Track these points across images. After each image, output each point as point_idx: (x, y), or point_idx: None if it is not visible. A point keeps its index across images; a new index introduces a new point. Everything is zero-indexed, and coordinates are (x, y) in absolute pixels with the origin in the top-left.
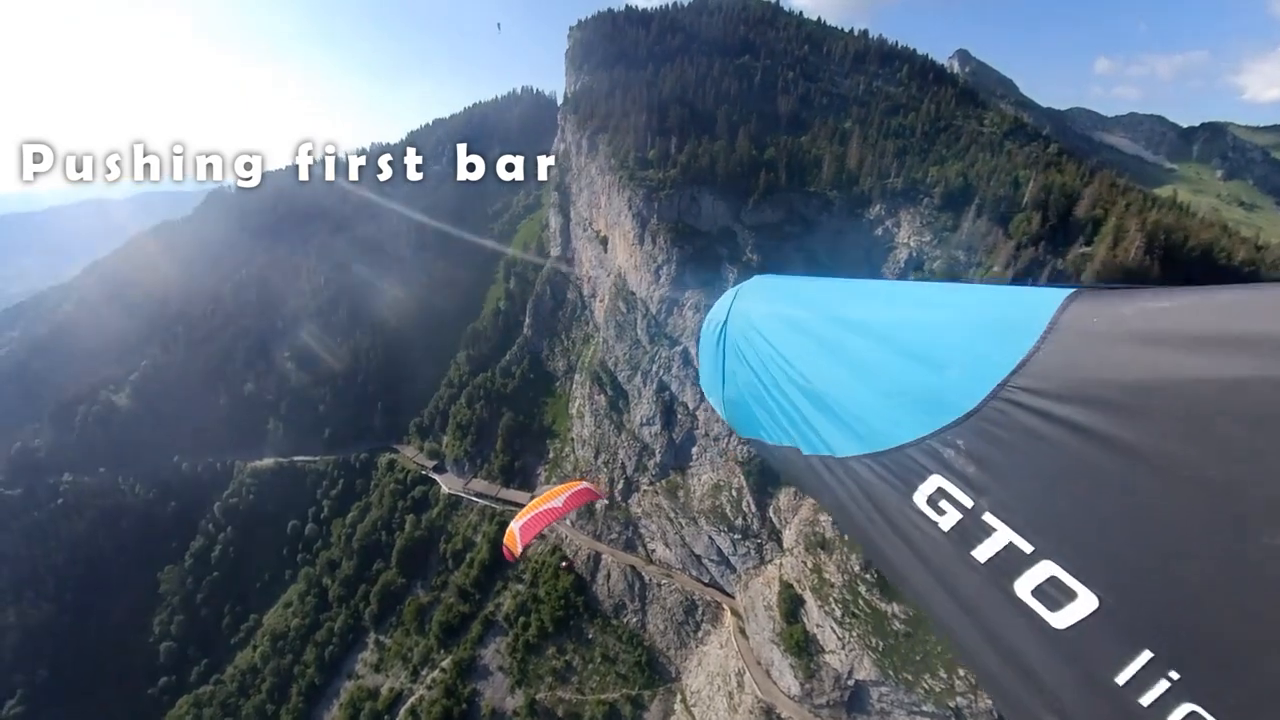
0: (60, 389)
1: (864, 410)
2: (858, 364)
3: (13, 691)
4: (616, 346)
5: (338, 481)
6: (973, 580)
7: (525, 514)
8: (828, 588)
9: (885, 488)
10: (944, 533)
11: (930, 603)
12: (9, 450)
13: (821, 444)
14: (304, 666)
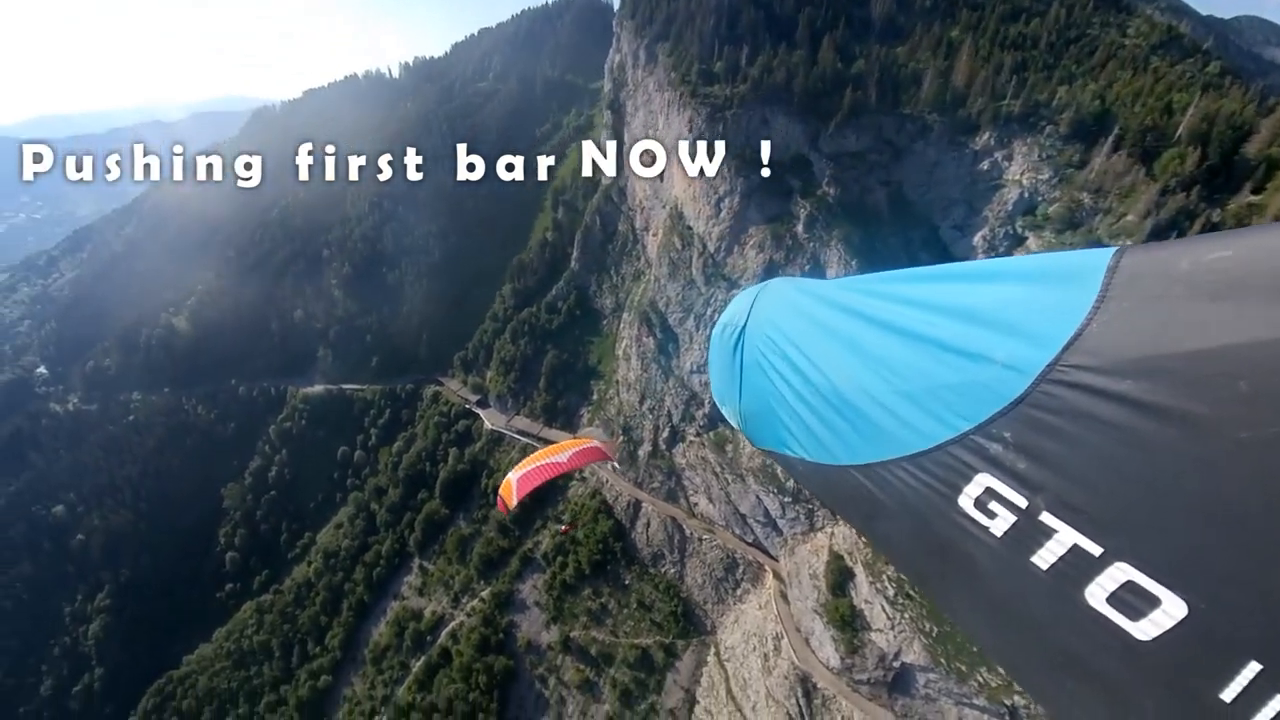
0: (125, 311)
1: (900, 410)
2: (890, 362)
3: (101, 586)
4: (669, 286)
5: (384, 411)
6: (1035, 592)
7: (526, 465)
8: (882, 564)
9: (927, 493)
10: (997, 539)
11: (984, 622)
12: (84, 368)
13: (853, 452)
14: (354, 584)
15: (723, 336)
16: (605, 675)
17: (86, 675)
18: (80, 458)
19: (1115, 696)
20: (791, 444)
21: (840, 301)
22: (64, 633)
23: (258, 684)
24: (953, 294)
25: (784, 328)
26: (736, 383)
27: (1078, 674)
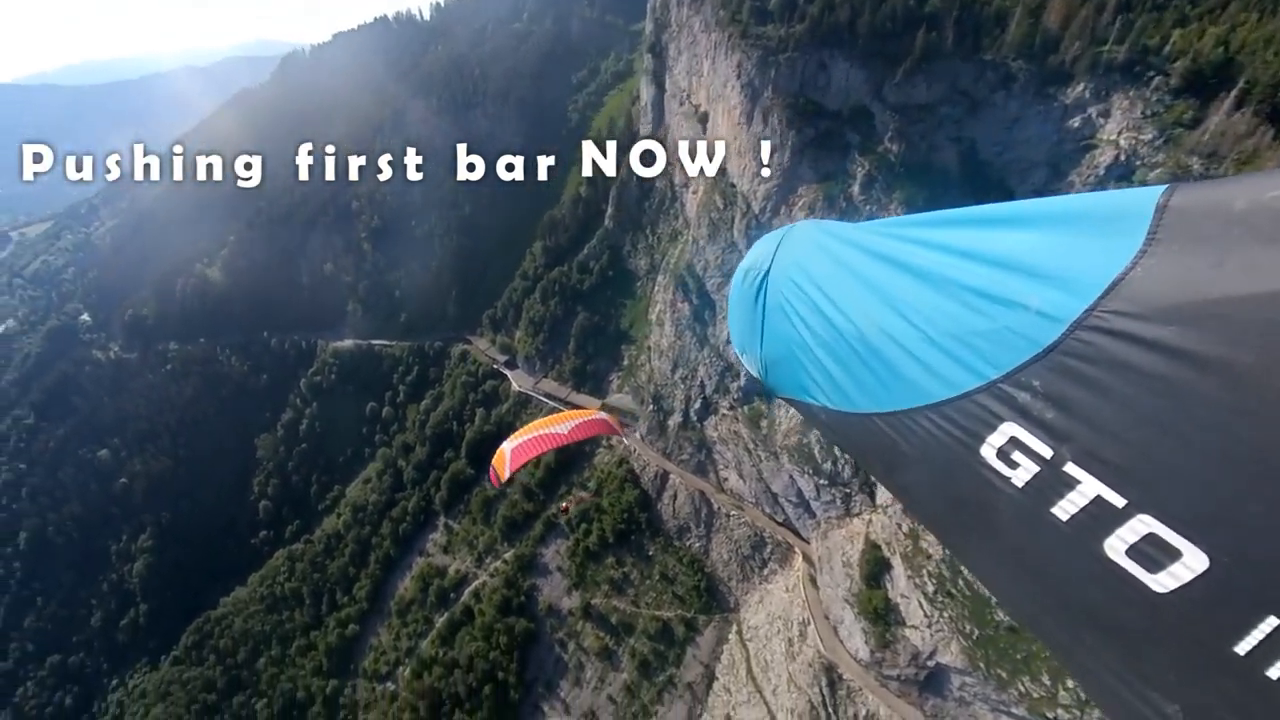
0: (160, 260)
1: (926, 357)
2: (919, 308)
3: (144, 528)
4: (708, 248)
5: (413, 368)
6: (1054, 543)
7: (522, 435)
8: (922, 559)
9: (950, 442)
10: (1018, 489)
11: (1003, 574)
12: (123, 317)
13: (876, 399)
14: (381, 539)
15: (745, 282)
16: (625, 644)
17: (132, 610)
18: (122, 404)
19: (1131, 648)
20: (814, 391)
21: (870, 245)
22: (111, 570)
23: (289, 628)
24: (987, 238)
25: (810, 271)
26: (758, 329)
27: (1094, 626)
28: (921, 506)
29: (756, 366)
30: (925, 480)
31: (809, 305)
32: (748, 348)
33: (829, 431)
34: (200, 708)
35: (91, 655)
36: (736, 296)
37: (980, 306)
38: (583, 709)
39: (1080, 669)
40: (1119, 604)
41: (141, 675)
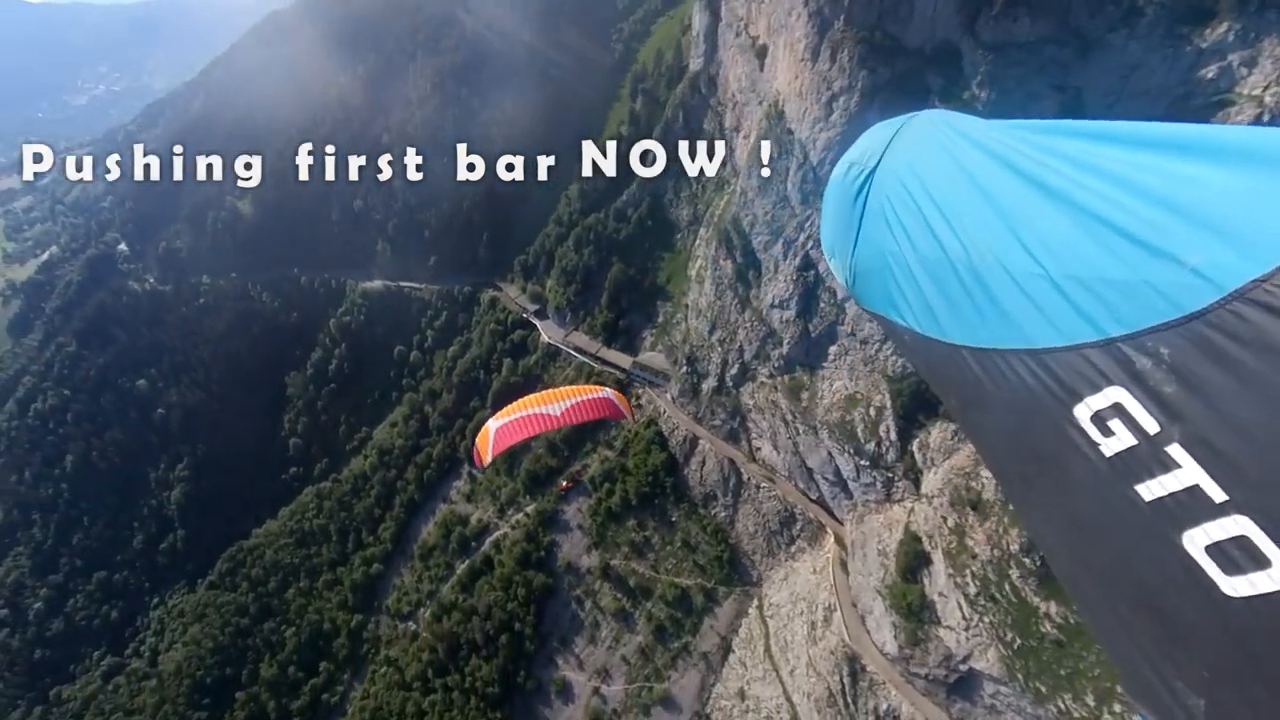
0: (193, 192)
1: (1042, 297)
2: (1048, 240)
3: (181, 458)
4: (757, 202)
5: (441, 313)
6: (1125, 519)
7: (511, 413)
8: (967, 557)
9: (1042, 393)
10: (1105, 458)
11: (1058, 535)
12: (157, 249)
13: (970, 332)
14: (406, 483)
15: (845, 178)
16: (641, 608)
17: (171, 535)
18: (159, 336)
19: (1174, 637)
20: (903, 310)
21: (1005, 154)
22: (150, 495)
23: (317, 563)
24: (1156, 168)
25: (923, 175)
26: (853, 233)
27: (1141, 607)
28: (991, 450)
29: (844, 273)
30: (1003, 426)
31: (915, 216)
32: (837, 251)
33: (910, 354)
34: (234, 631)
35: (134, 574)
36: (834, 192)
37: (1122, 251)
38: (596, 666)
39: (1109, 639)
40: (1177, 594)
41: (180, 596)
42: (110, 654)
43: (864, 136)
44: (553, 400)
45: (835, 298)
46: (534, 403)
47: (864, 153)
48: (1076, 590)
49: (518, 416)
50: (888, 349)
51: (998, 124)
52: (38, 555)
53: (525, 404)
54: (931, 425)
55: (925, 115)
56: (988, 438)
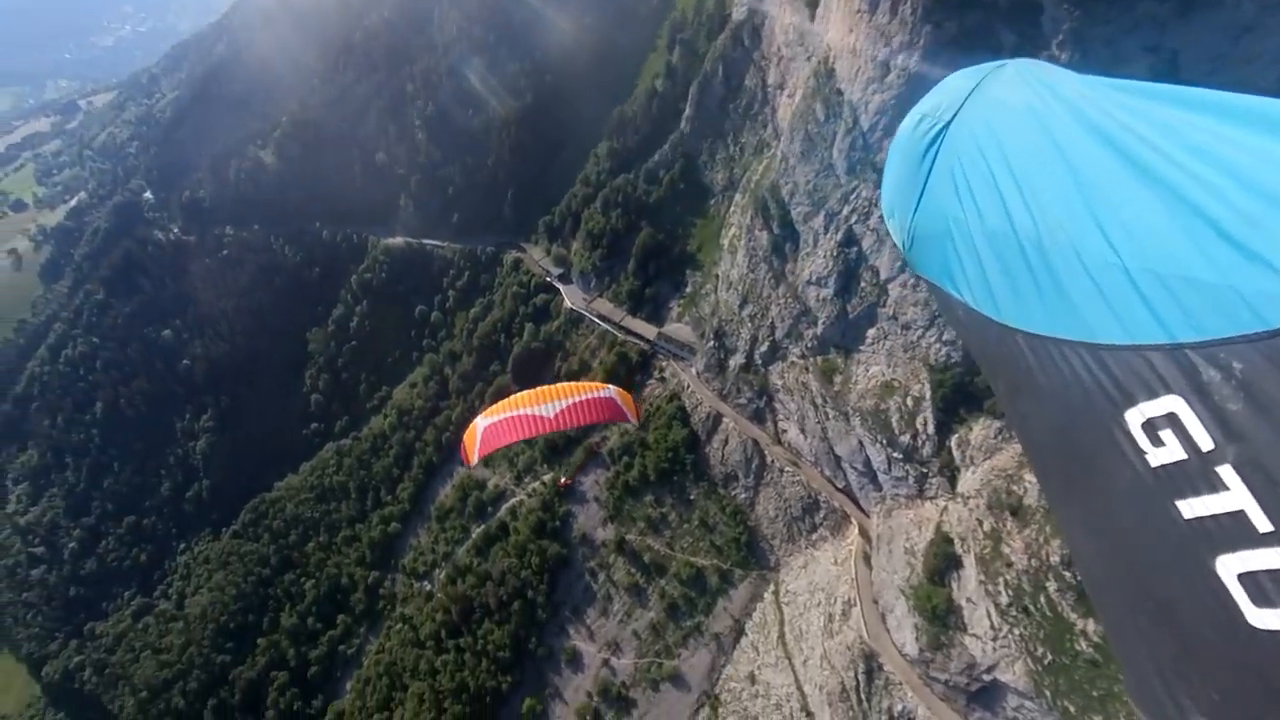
0: (216, 140)
1: (1114, 290)
2: (1133, 228)
3: (205, 410)
4: (799, 169)
5: (463, 273)
6: (1162, 535)
7: (501, 411)
8: (1001, 565)
9: (1095, 392)
10: (1150, 468)
11: (1089, 537)
12: (181, 198)
13: (1028, 316)
14: (424, 444)
15: (915, 131)
16: (655, 584)
17: (196, 485)
18: (183, 287)
19: (1188, 656)
20: (959, 282)
21: (1099, 122)
22: (176, 445)
23: (336, 519)
24: (1264, 154)
25: (1002, 137)
26: (917, 193)
27: (1160, 621)
28: (1034, 443)
29: (901, 234)
30: (1049, 419)
31: (987, 183)
32: (897, 210)
33: (961, 329)
34: (255, 580)
35: (162, 520)
36: (902, 146)
37: (1212, 249)
38: (607, 639)
39: (1124, 646)
40: (1201, 616)
41: (205, 544)
42: (140, 595)
43: (941, 85)
44: (547, 399)
45: (878, 278)
46: (526, 401)
47: (939, 104)
48: (1099, 594)
49: (508, 416)
50: (931, 336)
51: (1096, 82)
52: (71, 497)
53: (517, 402)
54: (974, 421)
55: (1014, 66)
56: (1032, 429)
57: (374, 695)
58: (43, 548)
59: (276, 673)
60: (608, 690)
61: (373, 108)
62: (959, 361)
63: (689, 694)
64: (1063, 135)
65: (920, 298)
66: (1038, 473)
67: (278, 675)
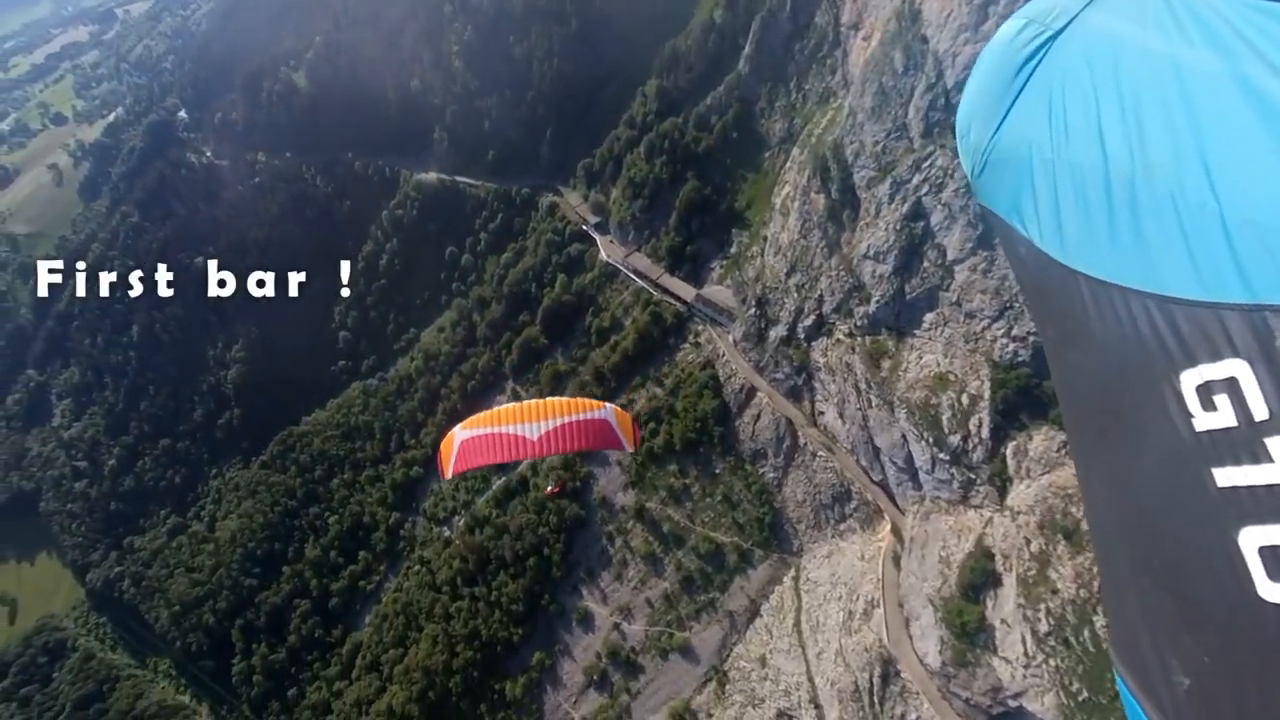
0: (249, 58)
1: (1200, 238)
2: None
3: (237, 339)
4: (867, 126)
5: (496, 215)
6: (1189, 498)
7: (481, 425)
8: (1045, 590)
9: (1154, 346)
10: (1193, 431)
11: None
12: (213, 120)
13: (1098, 261)
14: (450, 391)
15: (1015, 40)
16: (672, 555)
17: (227, 413)
18: (215, 214)
19: (1187, 618)
20: (1027, 217)
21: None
22: (209, 373)
23: (361, 458)
24: None
25: (1120, 56)
26: (1003, 109)
27: (1165, 583)
28: (1072, 394)
29: (974, 157)
30: (1095, 371)
31: (1088, 107)
32: (974, 128)
33: (1022, 268)
34: (282, 510)
35: (195, 445)
36: (995, 55)
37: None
38: (620, 604)
39: (1117, 601)
40: (1211, 582)
41: (236, 471)
42: (175, 514)
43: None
44: (533, 417)
45: (944, 258)
46: (510, 417)
47: (1050, 10)
48: (1104, 548)
49: (488, 433)
50: (999, 328)
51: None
52: (110, 416)
53: (499, 417)
54: (1036, 429)
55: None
56: (1074, 380)
57: (390, 631)
58: (85, 462)
59: (300, 601)
60: (616, 653)
61: (408, 30)
62: (1027, 361)
63: (697, 667)
64: (1187, 62)
65: (990, 285)
66: (1069, 423)
67: (301, 603)
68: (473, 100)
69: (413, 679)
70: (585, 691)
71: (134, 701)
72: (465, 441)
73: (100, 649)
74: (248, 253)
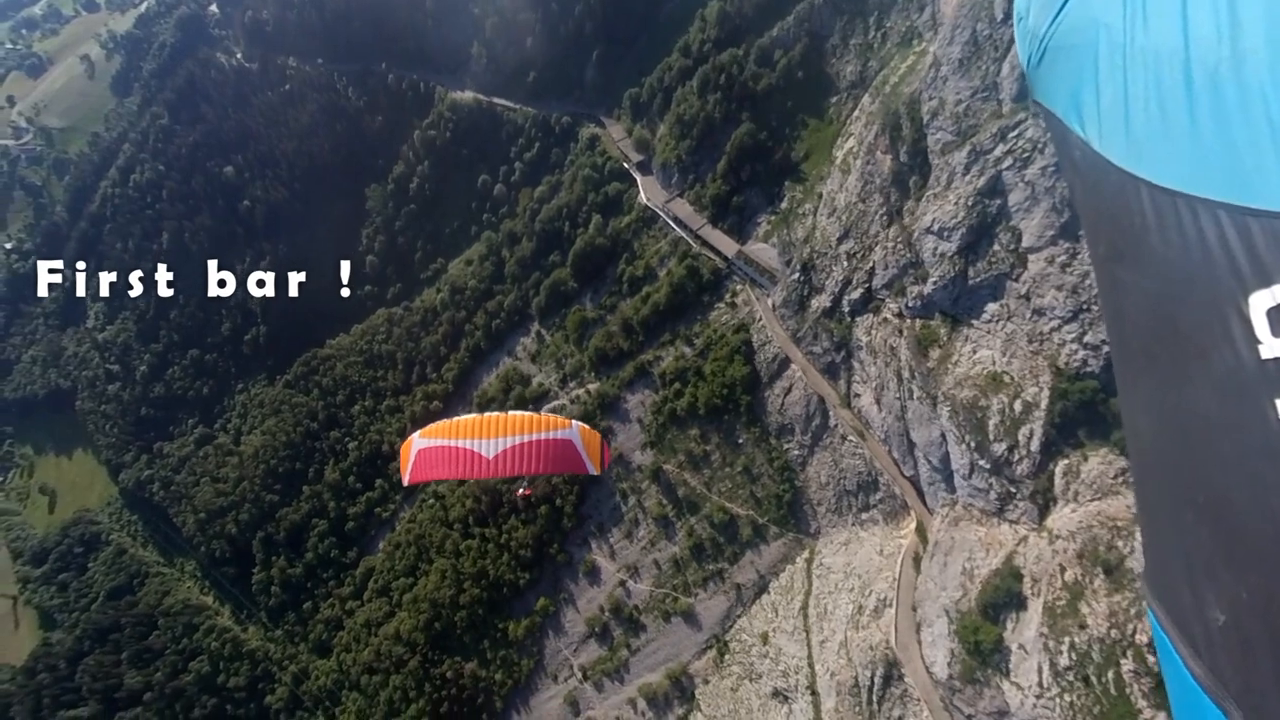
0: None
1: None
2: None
3: (264, 255)
4: (951, 81)
5: (534, 143)
6: (1246, 429)
7: (438, 435)
8: (1073, 623)
9: (1222, 263)
10: (1259, 359)
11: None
12: (242, 18)
13: (1164, 165)
14: (474, 328)
15: None
16: (685, 520)
17: (254, 329)
18: (245, 120)
19: (1230, 554)
20: (1086, 113)
21: None
22: (236, 286)
23: (382, 386)
24: None
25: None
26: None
27: (1209, 514)
28: (1122, 315)
29: (1032, 43)
30: (1150, 291)
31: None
32: (1035, 7)
33: (1074, 173)
34: (304, 431)
35: (222, 358)
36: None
37: None
38: (627, 562)
39: (1156, 533)
40: (1258, 517)
41: (261, 388)
42: (202, 425)
43: None
44: (491, 432)
45: (1018, 244)
46: (468, 430)
47: None
48: (1145, 479)
49: (443, 445)
50: (1069, 332)
51: None
52: (141, 323)
53: (457, 429)
54: (1093, 450)
55: None
56: (1123, 300)
57: (402, 560)
58: (117, 366)
59: (318, 520)
60: (620, 609)
61: None
62: (1097, 374)
63: (699, 633)
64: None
65: (1068, 281)
66: (1114, 346)
67: (318, 523)
68: (516, 11)
69: (420, 608)
70: (586, 641)
71: (161, 598)
72: (422, 451)
73: (132, 545)
74: (277, 165)
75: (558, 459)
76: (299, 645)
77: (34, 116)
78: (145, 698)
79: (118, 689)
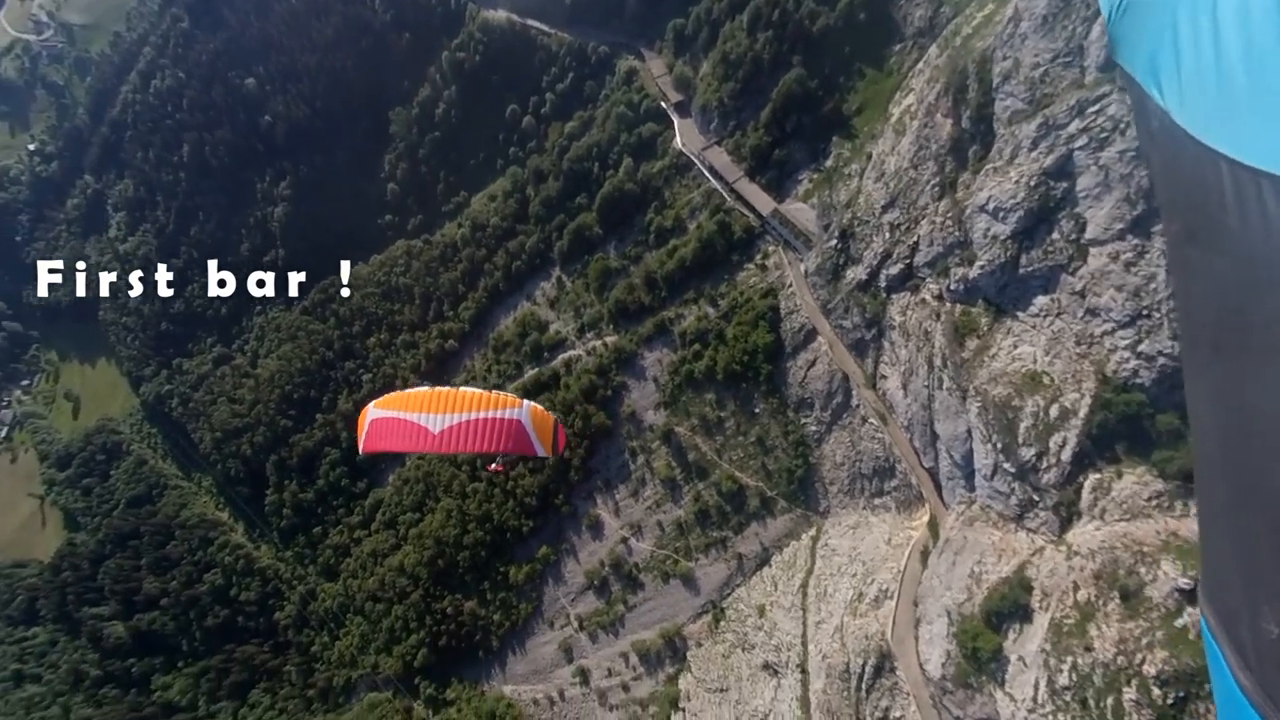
0: None
1: None
2: None
3: (284, 175)
4: (1031, 40)
5: (567, 74)
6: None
7: (391, 407)
8: (1079, 644)
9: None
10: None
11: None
12: None
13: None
14: (493, 268)
15: None
16: (693, 485)
17: (272, 251)
18: (267, 30)
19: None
20: (1167, 80)
21: None
22: (256, 206)
23: (398, 321)
24: None
25: None
26: None
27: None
28: (1194, 302)
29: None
30: (1224, 274)
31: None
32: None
33: (1150, 143)
34: (319, 360)
35: (240, 275)
36: None
37: None
38: (631, 520)
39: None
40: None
41: (278, 312)
42: (220, 344)
43: None
44: (440, 408)
45: (1080, 234)
46: (418, 404)
47: None
48: (1209, 479)
49: (393, 416)
50: (1122, 338)
51: None
52: (161, 236)
53: (408, 401)
54: (1130, 468)
55: None
56: (1195, 284)
57: (410, 495)
58: (140, 276)
59: (330, 449)
60: (620, 565)
61: None
62: (1147, 387)
63: (696, 597)
64: None
65: (1131, 282)
66: (1185, 336)
67: (331, 451)
68: None
69: (425, 544)
70: (584, 593)
71: (179, 510)
72: (374, 421)
73: (152, 456)
74: (299, 79)
75: (505, 439)
76: (308, 567)
77: (55, 10)
78: (162, 603)
79: (136, 592)
